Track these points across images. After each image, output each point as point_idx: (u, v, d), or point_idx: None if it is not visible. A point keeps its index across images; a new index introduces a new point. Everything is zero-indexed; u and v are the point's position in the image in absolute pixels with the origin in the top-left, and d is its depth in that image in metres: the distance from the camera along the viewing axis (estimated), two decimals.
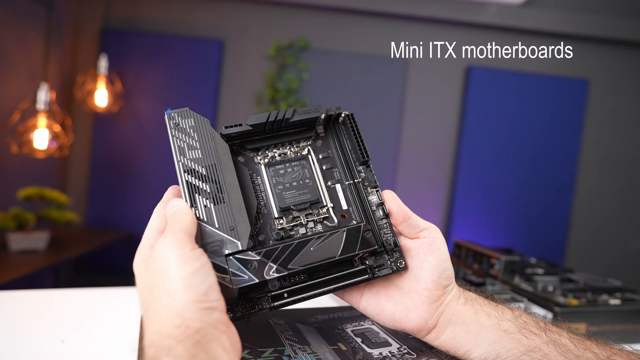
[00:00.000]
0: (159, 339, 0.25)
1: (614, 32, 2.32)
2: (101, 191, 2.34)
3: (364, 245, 0.35)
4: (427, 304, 0.36)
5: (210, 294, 0.27)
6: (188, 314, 0.26)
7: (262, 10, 2.36)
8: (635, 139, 2.44)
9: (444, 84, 2.41)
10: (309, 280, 0.35)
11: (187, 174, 0.34)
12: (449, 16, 2.29)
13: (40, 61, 2.01)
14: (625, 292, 0.85)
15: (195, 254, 0.28)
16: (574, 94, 2.36)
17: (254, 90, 2.37)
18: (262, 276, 0.32)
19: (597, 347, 0.34)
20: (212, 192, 0.33)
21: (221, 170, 0.34)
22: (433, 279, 0.36)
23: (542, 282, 0.88)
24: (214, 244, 0.32)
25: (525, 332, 0.35)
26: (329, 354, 0.37)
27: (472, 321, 0.36)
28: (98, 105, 2.13)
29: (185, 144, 0.35)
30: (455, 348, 0.36)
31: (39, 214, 1.72)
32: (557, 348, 0.34)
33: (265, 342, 0.38)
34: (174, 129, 0.35)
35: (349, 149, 0.40)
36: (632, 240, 2.45)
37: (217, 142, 0.35)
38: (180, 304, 0.26)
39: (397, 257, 0.37)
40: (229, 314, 0.33)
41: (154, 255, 0.29)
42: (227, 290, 0.31)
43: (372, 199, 0.39)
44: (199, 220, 0.32)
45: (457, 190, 2.35)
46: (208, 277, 0.28)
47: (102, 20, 2.31)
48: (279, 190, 0.38)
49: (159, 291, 0.27)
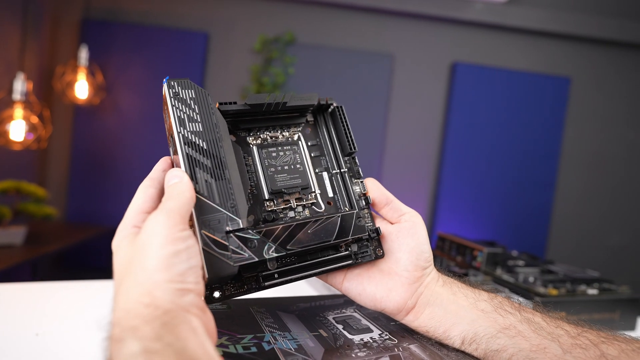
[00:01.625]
0: (126, 318, 0.24)
1: (595, 31, 2.36)
2: (81, 185, 2.28)
3: (357, 231, 0.36)
4: (407, 284, 0.38)
5: (188, 276, 0.27)
6: (159, 293, 0.25)
7: (248, 3, 2.34)
8: (614, 136, 2.50)
9: (430, 80, 2.42)
10: (298, 263, 0.35)
11: (187, 146, 0.32)
12: (435, 12, 2.30)
13: (16, 51, 1.95)
14: (603, 282, 0.88)
15: (183, 235, 0.27)
16: (556, 91, 2.41)
17: (239, 84, 2.34)
18: (262, 255, 0.32)
19: (568, 325, 0.36)
20: (212, 167, 0.32)
21: (222, 146, 0.34)
22: (412, 261, 0.38)
23: (523, 273, 0.89)
24: (214, 219, 0.31)
25: (501, 311, 0.37)
26: (309, 340, 0.36)
27: (450, 302, 0.38)
28: (78, 97, 2.08)
29: (185, 115, 0.34)
30: (434, 328, 0.37)
31: (16, 208, 1.67)
32: (531, 326, 0.35)
33: (244, 329, 0.37)
34: (174, 98, 0.34)
35: (336, 140, 0.41)
36: (610, 236, 2.51)
37: (217, 118, 0.35)
38: (152, 282, 0.25)
39: (376, 245, 0.39)
40: (219, 293, 0.33)
41: (142, 231, 0.28)
42: (226, 267, 0.30)
43: (355, 189, 0.40)
44: (200, 194, 0.31)
45: (442, 185, 2.38)
46: (190, 259, 0.27)
47: (83, 11, 2.25)
48: (270, 173, 0.38)
49: (135, 268, 0.26)
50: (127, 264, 0.27)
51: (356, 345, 0.36)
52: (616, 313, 0.85)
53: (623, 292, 0.87)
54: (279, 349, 0.34)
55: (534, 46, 2.43)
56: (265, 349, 0.34)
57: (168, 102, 0.34)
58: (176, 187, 0.30)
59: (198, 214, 0.31)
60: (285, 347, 0.34)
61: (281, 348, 0.34)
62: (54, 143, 2.29)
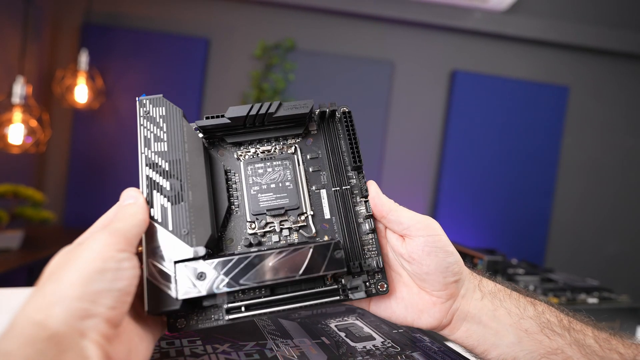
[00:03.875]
0: (9, 334, 0.21)
1: (594, 40, 2.38)
2: (80, 190, 2.27)
3: (332, 266, 0.31)
4: (439, 304, 0.34)
5: (102, 298, 0.24)
6: (57, 310, 0.22)
7: (249, 10, 2.35)
8: (612, 145, 2.51)
9: (430, 87, 2.43)
10: (271, 296, 0.31)
11: (148, 167, 0.32)
12: (435, 20, 2.32)
13: (16, 54, 1.95)
14: (603, 291, 0.87)
15: (119, 256, 0.26)
16: (555, 100, 2.42)
17: (239, 90, 2.34)
18: (211, 289, 0.29)
19: (622, 346, 0.32)
20: (172, 190, 0.31)
21: (187, 167, 0.31)
22: (438, 281, 0.33)
23: (523, 281, 0.89)
24: (164, 248, 0.29)
25: (548, 331, 0.32)
26: (311, 347, 0.36)
27: (490, 319, 0.33)
28: (78, 102, 2.07)
29: (152, 135, 0.32)
30: (472, 347, 0.34)
31: (13, 212, 1.66)
32: (581, 350, 0.32)
33: (246, 337, 0.37)
34: (144, 117, 0.33)
35: (341, 151, 0.36)
36: (608, 245, 2.51)
37: (187, 135, 0.33)
38: (59, 296, 0.23)
39: (379, 279, 0.34)
40: (183, 321, 0.31)
41: (82, 244, 0.27)
42: (169, 300, 0.28)
43: (359, 209, 0.35)
44: (153, 220, 0.29)
45: (441, 192, 2.38)
46: (115, 281, 0.25)
47: (84, 15, 2.26)
48: (254, 192, 0.34)
49: (54, 277, 0.24)
50: (50, 273, 0.25)
51: (359, 352, 0.35)
52: (616, 322, 0.85)
53: (623, 301, 0.86)
54: (282, 356, 0.34)
55: (533, 55, 2.45)
56: (268, 356, 0.33)
57: (137, 121, 0.33)
58: (129, 209, 0.29)
59: (148, 240, 0.29)
60: (287, 355, 0.34)
61: (284, 355, 0.34)
62: (52, 147, 2.28)
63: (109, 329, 0.24)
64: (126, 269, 0.26)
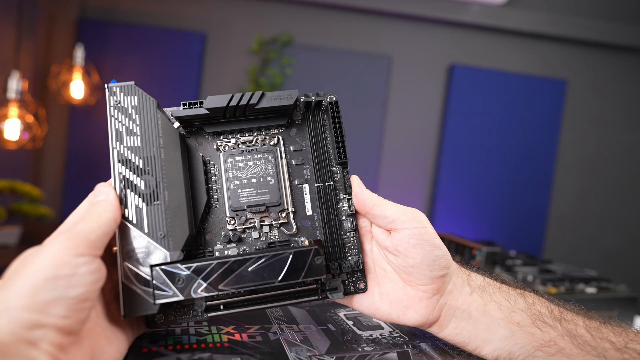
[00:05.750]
0: None
1: (592, 34, 2.39)
2: (77, 185, 2.26)
3: (311, 272, 0.30)
4: (425, 299, 0.33)
5: (52, 308, 0.23)
6: (2, 321, 0.21)
7: (245, 4, 2.34)
8: (610, 138, 2.52)
9: (427, 81, 2.43)
10: (250, 294, 0.31)
11: (121, 164, 0.30)
12: (432, 14, 2.31)
13: (11, 49, 1.93)
14: (601, 281, 0.88)
15: (75, 261, 0.24)
16: (552, 93, 2.42)
17: (236, 84, 2.34)
18: (189, 294, 0.28)
19: (614, 335, 0.32)
20: (147, 189, 0.29)
21: (162, 164, 0.30)
22: (425, 274, 0.32)
23: (522, 272, 0.90)
24: (140, 250, 0.28)
25: (540, 323, 0.32)
26: (316, 333, 0.36)
27: (480, 314, 0.33)
28: (74, 97, 2.06)
29: (124, 127, 0.30)
30: (463, 343, 0.33)
31: (10, 208, 1.65)
32: (574, 340, 0.31)
33: (253, 320, 0.37)
34: (114, 107, 0.31)
35: (326, 144, 0.35)
36: (606, 237, 2.53)
37: (162, 129, 0.31)
38: (4, 307, 0.22)
39: (358, 277, 0.34)
40: (161, 317, 0.30)
41: (39, 249, 0.25)
42: (145, 304, 0.28)
43: (342, 206, 0.34)
44: (127, 221, 0.28)
45: (439, 186, 2.39)
46: (67, 289, 0.23)
47: (79, 10, 2.24)
48: (234, 187, 0.33)
49: (6, 284, 0.23)
50: (6, 278, 0.24)
51: (364, 340, 0.36)
52: (614, 311, 0.85)
53: (621, 291, 0.87)
54: (285, 339, 0.34)
55: (531, 49, 2.45)
56: (271, 339, 0.34)
57: (107, 111, 0.30)
58: (97, 207, 0.27)
59: (122, 243, 0.28)
60: (290, 338, 0.34)
61: (287, 339, 0.34)
62: (49, 143, 2.27)
63: (63, 337, 0.23)
64: (83, 275, 0.24)
